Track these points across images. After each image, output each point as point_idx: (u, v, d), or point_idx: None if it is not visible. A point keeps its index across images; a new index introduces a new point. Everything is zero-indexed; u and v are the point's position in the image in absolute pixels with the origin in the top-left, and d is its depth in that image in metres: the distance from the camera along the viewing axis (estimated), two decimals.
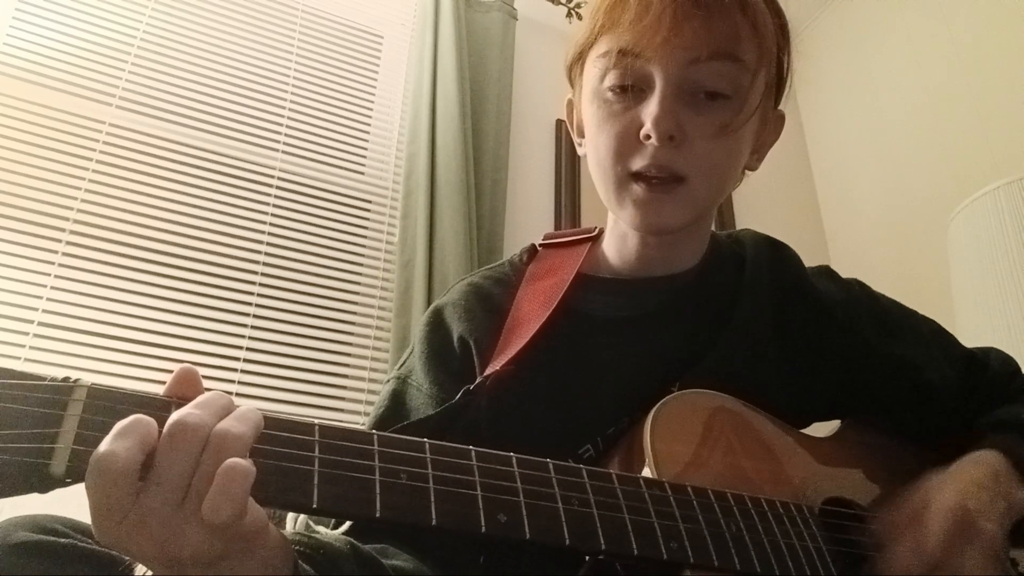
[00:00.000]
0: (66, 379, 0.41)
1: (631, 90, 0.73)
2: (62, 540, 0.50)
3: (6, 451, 0.37)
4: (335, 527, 0.61)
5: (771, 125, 0.82)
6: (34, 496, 0.40)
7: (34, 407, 0.39)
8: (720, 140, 0.72)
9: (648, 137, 0.71)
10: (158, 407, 0.43)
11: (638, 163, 0.73)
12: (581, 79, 0.80)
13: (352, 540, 0.58)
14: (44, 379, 0.41)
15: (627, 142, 0.73)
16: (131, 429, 0.39)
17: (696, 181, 0.73)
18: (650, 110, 0.71)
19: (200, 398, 0.43)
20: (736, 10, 0.71)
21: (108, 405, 0.41)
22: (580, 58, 0.80)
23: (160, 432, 0.41)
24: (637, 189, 0.73)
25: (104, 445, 0.39)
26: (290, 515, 0.63)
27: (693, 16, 0.69)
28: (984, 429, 0.78)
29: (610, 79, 0.74)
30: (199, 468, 0.40)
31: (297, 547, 0.52)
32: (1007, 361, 0.89)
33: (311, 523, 0.61)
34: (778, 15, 0.78)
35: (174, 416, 0.41)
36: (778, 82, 0.80)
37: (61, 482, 0.39)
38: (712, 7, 0.69)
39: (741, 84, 0.72)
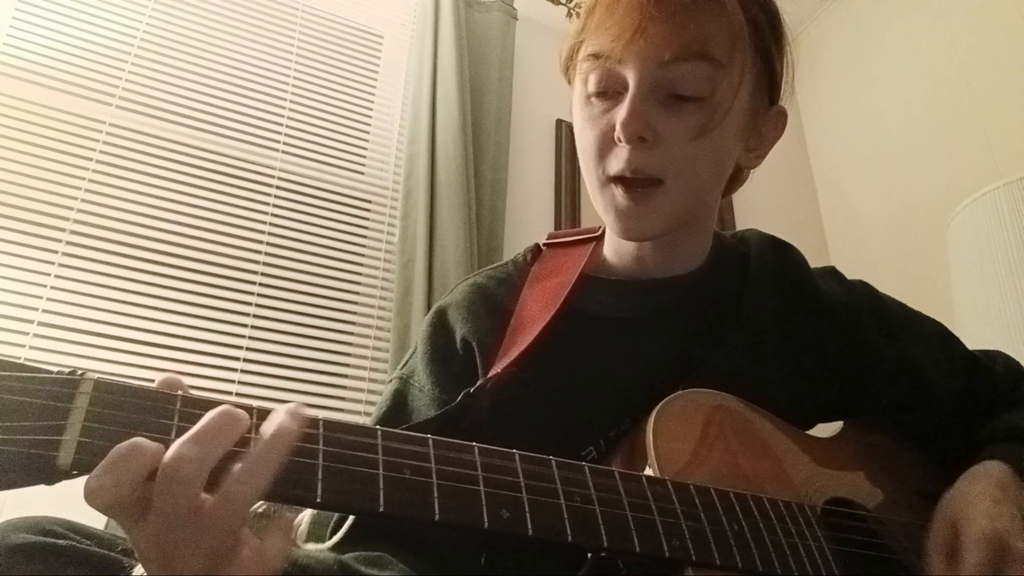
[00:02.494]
0: (73, 372, 0.41)
1: (609, 93, 0.73)
2: (61, 542, 0.50)
3: (13, 443, 0.37)
4: (336, 526, 0.61)
5: (770, 122, 0.81)
6: (36, 496, 0.40)
7: (41, 399, 0.39)
8: (698, 141, 0.72)
9: (620, 139, 0.71)
10: (163, 401, 0.43)
11: (614, 166, 0.72)
12: (574, 83, 0.80)
13: (341, 558, 0.57)
14: (51, 372, 0.41)
15: (604, 145, 0.73)
16: (121, 462, 0.39)
17: (673, 183, 0.72)
18: (620, 112, 0.71)
19: (204, 425, 0.41)
20: (703, 8, 0.70)
21: (114, 398, 0.41)
22: (570, 63, 0.80)
23: (164, 438, 0.41)
24: (617, 193, 0.73)
25: (95, 478, 0.38)
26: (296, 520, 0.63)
27: (656, 17, 0.68)
28: (985, 440, 0.78)
29: (590, 83, 0.74)
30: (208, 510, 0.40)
31: None
32: (1012, 365, 0.89)
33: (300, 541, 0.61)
34: (761, 7, 0.76)
35: (169, 455, 0.40)
36: (770, 77, 0.79)
37: (67, 474, 0.39)
38: (677, 7, 0.69)
39: (715, 83, 0.71)
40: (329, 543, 0.58)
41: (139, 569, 0.44)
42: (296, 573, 0.52)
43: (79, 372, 0.41)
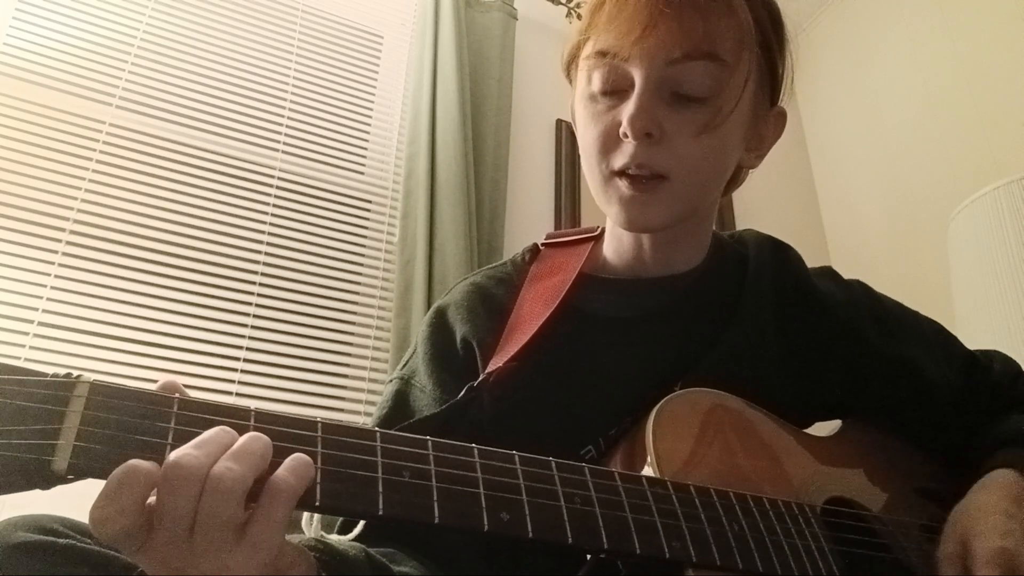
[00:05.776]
0: (68, 375, 0.41)
1: (614, 90, 0.74)
2: (61, 540, 0.50)
3: (8, 447, 0.37)
4: (347, 521, 0.61)
5: (770, 123, 0.82)
6: (35, 495, 0.39)
7: (37, 403, 0.39)
8: (702, 138, 0.72)
9: (626, 135, 0.71)
10: (160, 404, 0.43)
11: (619, 161, 0.73)
12: (576, 81, 0.81)
13: (366, 548, 0.58)
14: (47, 375, 0.40)
15: (609, 141, 0.74)
16: (121, 488, 0.39)
17: (679, 179, 0.73)
18: (627, 109, 0.71)
19: (202, 436, 0.42)
20: (712, 8, 0.70)
21: (110, 402, 0.41)
22: (573, 60, 0.80)
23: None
24: (621, 186, 0.74)
25: (98, 509, 0.38)
26: (304, 521, 0.63)
27: (666, 15, 0.69)
28: (992, 444, 0.78)
29: (595, 80, 0.74)
30: (200, 511, 0.40)
31: (313, 553, 0.52)
32: (1009, 364, 0.89)
33: (323, 532, 0.61)
34: (766, 8, 0.77)
35: (171, 457, 0.40)
36: (772, 78, 0.79)
37: (63, 479, 0.38)
38: (685, 5, 0.69)
39: (721, 82, 0.72)
40: (352, 534, 0.58)
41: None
42: (327, 559, 0.52)
43: (75, 375, 0.41)
